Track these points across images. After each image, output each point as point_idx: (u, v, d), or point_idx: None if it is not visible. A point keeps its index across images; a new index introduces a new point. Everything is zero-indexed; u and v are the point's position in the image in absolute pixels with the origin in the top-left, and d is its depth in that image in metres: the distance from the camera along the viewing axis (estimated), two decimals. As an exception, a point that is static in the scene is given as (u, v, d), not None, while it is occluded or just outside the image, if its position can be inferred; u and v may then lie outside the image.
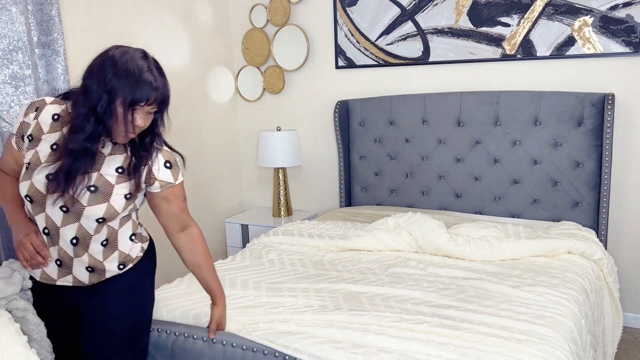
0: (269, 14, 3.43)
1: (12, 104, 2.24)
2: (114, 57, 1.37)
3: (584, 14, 2.68)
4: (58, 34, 2.35)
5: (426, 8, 3.02)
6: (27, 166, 1.45)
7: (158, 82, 1.38)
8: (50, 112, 1.46)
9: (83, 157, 1.39)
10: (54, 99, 1.49)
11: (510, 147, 2.86)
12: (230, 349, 1.65)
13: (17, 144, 1.48)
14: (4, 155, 1.54)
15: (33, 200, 1.45)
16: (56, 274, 1.54)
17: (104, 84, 1.35)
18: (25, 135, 1.46)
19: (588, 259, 2.33)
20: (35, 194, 1.44)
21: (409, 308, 1.83)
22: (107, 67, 1.36)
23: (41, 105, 1.47)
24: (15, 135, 1.48)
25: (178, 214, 1.61)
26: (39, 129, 1.45)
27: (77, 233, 1.48)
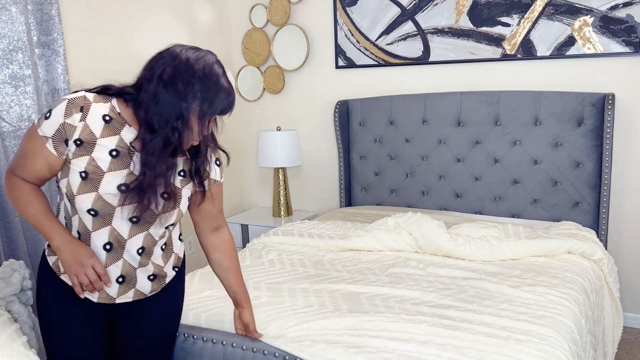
0: (269, 14, 3.43)
1: (12, 104, 2.24)
2: (189, 62, 1.24)
3: (584, 14, 2.68)
4: (58, 34, 2.35)
5: (426, 8, 3.02)
6: (83, 176, 1.27)
7: (231, 88, 1.29)
8: (99, 112, 1.28)
9: (168, 171, 1.29)
10: (94, 95, 1.31)
11: (511, 147, 2.86)
12: (230, 349, 1.65)
13: (56, 148, 1.26)
14: (29, 161, 1.30)
15: (98, 214, 1.30)
16: (116, 291, 1.40)
17: (181, 93, 1.22)
18: (71, 139, 1.25)
19: (588, 259, 2.33)
20: (102, 207, 1.30)
21: (408, 308, 1.83)
22: (183, 73, 1.23)
23: (86, 104, 1.27)
24: (52, 138, 1.25)
25: (216, 214, 1.54)
26: (89, 132, 1.26)
27: (144, 242, 1.39)
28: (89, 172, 1.27)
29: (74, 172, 1.28)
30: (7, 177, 1.36)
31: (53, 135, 1.25)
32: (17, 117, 2.25)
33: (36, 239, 2.32)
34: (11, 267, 1.86)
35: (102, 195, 1.28)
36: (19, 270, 1.87)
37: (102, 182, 1.28)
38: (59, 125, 1.25)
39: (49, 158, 1.28)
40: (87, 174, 1.27)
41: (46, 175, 1.31)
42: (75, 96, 1.27)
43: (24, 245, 2.27)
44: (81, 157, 1.27)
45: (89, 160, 1.27)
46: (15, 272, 1.85)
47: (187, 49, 1.27)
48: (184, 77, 1.23)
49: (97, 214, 1.30)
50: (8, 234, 2.23)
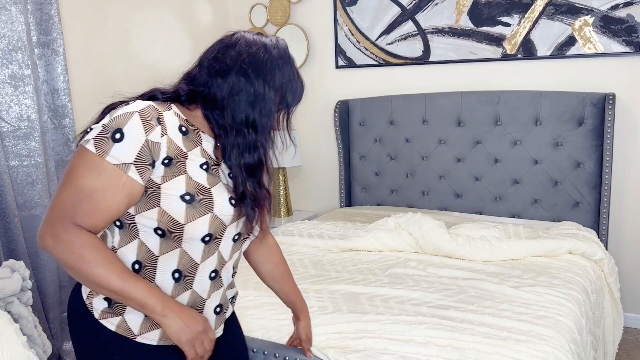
0: (269, 14, 3.43)
1: (11, 104, 2.24)
2: (268, 48, 1.08)
3: (584, 14, 2.68)
4: (57, 34, 2.35)
5: (426, 7, 3.01)
6: (187, 199, 1.02)
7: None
8: (174, 123, 1.04)
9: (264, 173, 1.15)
10: (156, 102, 1.06)
11: (511, 147, 2.86)
12: (230, 349, 1.64)
13: (142, 175, 0.99)
14: (105, 202, 0.97)
15: (212, 239, 1.09)
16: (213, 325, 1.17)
17: (268, 84, 1.07)
18: (158, 160, 1.00)
19: (589, 259, 2.33)
20: (217, 229, 1.08)
21: (408, 309, 1.83)
22: (266, 62, 1.07)
23: (159, 115, 1.02)
24: (134, 164, 0.97)
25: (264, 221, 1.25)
26: (175, 147, 1.02)
27: (235, 261, 1.21)
28: (193, 193, 1.03)
29: (170, 197, 1.01)
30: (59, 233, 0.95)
31: (136, 159, 0.97)
32: (16, 117, 2.25)
33: (35, 239, 2.31)
34: (11, 267, 1.86)
35: (218, 215, 1.06)
36: (19, 271, 1.87)
37: (215, 201, 1.06)
38: (142, 146, 0.97)
39: (133, 189, 0.99)
40: (192, 195, 1.03)
41: (116, 216, 1.01)
42: (142, 106, 1.00)
43: (24, 246, 2.26)
44: (176, 178, 1.02)
45: (187, 179, 1.03)
46: (15, 272, 1.85)
47: (254, 34, 1.11)
48: (267, 66, 1.07)
49: (210, 239, 1.08)
50: (7, 234, 2.23)
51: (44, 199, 2.32)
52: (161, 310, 1.01)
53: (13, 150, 2.25)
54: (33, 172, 2.29)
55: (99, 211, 0.98)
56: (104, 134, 0.97)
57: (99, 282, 0.97)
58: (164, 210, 1.02)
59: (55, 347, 2.45)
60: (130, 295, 0.99)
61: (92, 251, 0.96)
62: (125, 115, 0.98)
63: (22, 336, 1.56)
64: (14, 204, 2.22)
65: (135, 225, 1.04)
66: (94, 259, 0.96)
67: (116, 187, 0.97)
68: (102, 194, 0.97)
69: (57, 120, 2.42)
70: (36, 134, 2.29)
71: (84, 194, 0.96)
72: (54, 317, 2.42)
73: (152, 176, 1.01)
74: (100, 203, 0.97)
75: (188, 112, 1.09)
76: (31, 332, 1.80)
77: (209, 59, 1.11)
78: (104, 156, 0.95)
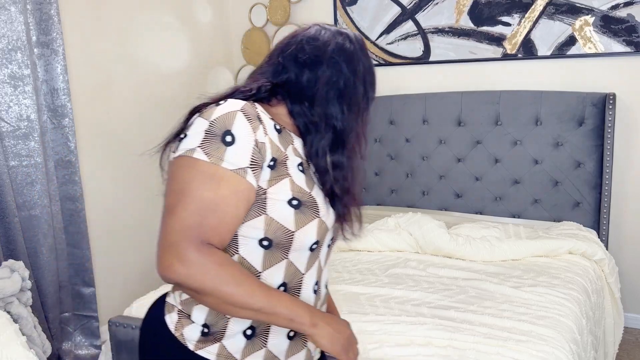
0: (269, 13, 3.42)
1: (10, 104, 2.24)
2: (352, 39, 1.03)
3: (585, 14, 2.67)
4: (57, 34, 2.35)
5: (426, 7, 3.01)
6: (295, 204, 0.94)
7: None
8: (269, 121, 0.95)
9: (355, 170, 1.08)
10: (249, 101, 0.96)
11: (511, 147, 2.85)
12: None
13: (257, 179, 0.90)
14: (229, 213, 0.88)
15: (319, 246, 1.00)
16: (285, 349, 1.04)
17: (358, 75, 1.02)
18: (266, 162, 0.91)
19: (589, 259, 2.33)
20: (323, 235, 1.00)
21: (409, 309, 1.82)
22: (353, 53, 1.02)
23: (258, 114, 0.93)
24: (250, 167, 0.88)
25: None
26: (276, 148, 0.94)
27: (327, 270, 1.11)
28: (298, 197, 0.94)
29: (278, 203, 0.92)
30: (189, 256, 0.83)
31: (251, 162, 0.88)
32: (16, 116, 2.25)
33: (35, 239, 2.31)
34: (10, 268, 1.86)
35: (324, 220, 0.98)
36: (19, 271, 1.87)
37: (319, 204, 0.97)
38: (253, 147, 0.89)
39: (251, 196, 0.89)
40: (299, 200, 0.94)
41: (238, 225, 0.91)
42: (241, 104, 0.91)
43: (23, 246, 2.26)
44: (281, 182, 0.93)
45: (290, 182, 0.94)
46: (14, 272, 1.85)
47: (330, 26, 1.05)
48: (354, 57, 1.02)
49: (318, 246, 1.00)
50: (7, 234, 2.23)
51: (44, 199, 2.32)
52: (310, 321, 0.92)
53: (12, 150, 2.24)
54: (32, 172, 2.29)
55: (225, 224, 0.87)
56: (211, 138, 0.86)
57: (242, 303, 0.86)
58: (272, 217, 0.92)
59: (55, 347, 2.45)
60: (276, 310, 0.88)
61: (229, 269, 0.85)
62: (229, 115, 0.88)
63: (22, 336, 1.56)
64: (14, 204, 2.21)
65: (236, 238, 0.92)
66: (233, 278, 0.85)
67: (237, 194, 0.87)
68: (226, 205, 0.86)
69: (57, 120, 2.41)
70: (36, 134, 2.28)
71: (207, 207, 0.85)
72: (53, 318, 2.42)
73: (259, 180, 0.91)
74: (226, 215, 0.86)
75: (270, 110, 1.00)
76: (31, 332, 1.80)
77: (290, 52, 1.00)
78: (219, 163, 0.86)
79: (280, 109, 1.01)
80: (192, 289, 0.85)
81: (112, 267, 2.80)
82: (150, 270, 3.02)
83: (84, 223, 2.51)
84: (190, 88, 3.26)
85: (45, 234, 2.33)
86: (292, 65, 0.99)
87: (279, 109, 1.00)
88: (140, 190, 2.93)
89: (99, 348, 2.59)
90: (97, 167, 2.70)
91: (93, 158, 2.67)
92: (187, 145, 0.88)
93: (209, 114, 0.90)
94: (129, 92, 2.85)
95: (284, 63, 1.00)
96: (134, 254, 2.92)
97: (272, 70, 1.01)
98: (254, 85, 1.00)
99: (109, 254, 2.78)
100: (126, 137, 2.83)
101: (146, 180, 2.97)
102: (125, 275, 2.88)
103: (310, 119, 0.99)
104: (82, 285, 2.55)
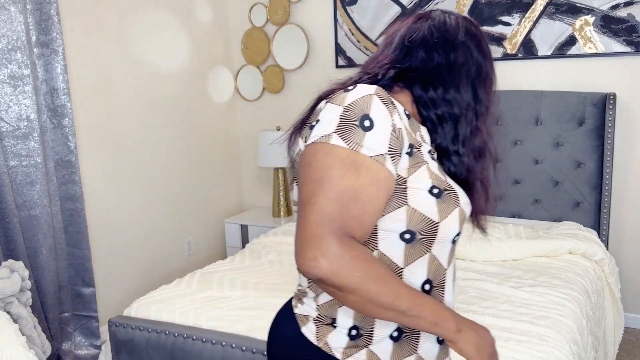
0: (269, 13, 3.42)
1: (10, 104, 2.23)
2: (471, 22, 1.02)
3: (585, 13, 2.67)
4: (57, 33, 2.34)
5: (427, 7, 3.01)
6: (436, 192, 0.87)
7: None
8: (400, 106, 0.89)
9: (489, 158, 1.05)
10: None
11: (511, 147, 2.85)
12: (230, 350, 1.64)
13: (396, 166, 0.84)
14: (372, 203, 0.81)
15: (459, 236, 0.95)
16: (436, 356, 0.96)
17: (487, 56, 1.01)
18: (404, 149, 0.85)
19: (589, 259, 2.32)
20: (462, 225, 0.96)
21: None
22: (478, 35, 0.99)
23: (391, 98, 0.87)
24: (389, 154, 0.82)
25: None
26: (410, 135, 0.88)
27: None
28: (438, 185, 0.88)
29: (419, 192, 0.86)
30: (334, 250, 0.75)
31: (389, 149, 0.82)
32: (15, 116, 2.24)
33: (34, 239, 2.31)
34: (10, 268, 1.86)
35: (464, 209, 0.93)
36: (18, 271, 1.87)
37: (458, 193, 0.92)
38: (391, 132, 0.82)
39: (390, 185, 0.83)
40: (439, 188, 0.88)
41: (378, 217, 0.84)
42: (374, 88, 0.85)
43: (23, 246, 2.26)
44: (420, 169, 0.87)
45: (428, 170, 0.88)
46: (14, 272, 1.85)
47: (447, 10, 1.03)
48: (482, 40, 0.99)
49: (458, 237, 0.95)
50: (7, 234, 2.22)
51: (43, 199, 2.31)
52: (456, 325, 0.85)
53: (12, 150, 2.24)
54: (32, 172, 2.29)
55: (367, 214, 0.80)
56: (348, 123, 0.81)
57: (388, 303, 0.78)
58: (414, 208, 0.85)
59: (55, 348, 2.45)
60: (421, 313, 0.81)
61: (374, 266, 0.77)
62: (365, 99, 0.83)
63: (22, 336, 1.55)
64: (13, 204, 2.21)
65: (375, 232, 0.86)
66: (379, 275, 0.77)
67: (378, 183, 0.80)
68: (368, 194, 0.79)
69: (57, 120, 2.41)
70: (35, 134, 2.28)
71: (348, 196, 0.78)
72: (53, 318, 2.41)
73: (398, 168, 0.84)
74: (367, 204, 0.80)
75: (394, 96, 0.92)
76: (30, 332, 1.80)
77: (418, 37, 0.95)
78: (358, 149, 0.79)
79: (403, 95, 0.95)
80: (335, 286, 0.76)
81: (112, 267, 2.80)
82: (150, 271, 3.02)
83: (83, 223, 2.50)
84: (190, 88, 3.26)
85: (45, 234, 2.33)
86: (421, 50, 0.94)
87: (401, 96, 0.95)
88: (140, 190, 2.93)
89: (98, 348, 2.59)
90: (97, 167, 2.70)
91: (93, 158, 2.67)
92: (321, 132, 0.82)
93: (340, 99, 0.84)
94: (128, 92, 2.84)
95: (412, 48, 0.95)
96: (134, 254, 2.92)
97: (396, 56, 0.96)
98: (380, 70, 0.94)
99: (109, 254, 2.78)
100: (126, 136, 2.83)
101: (146, 180, 2.97)
102: (125, 275, 2.87)
103: (441, 105, 0.94)
104: (82, 285, 2.55)
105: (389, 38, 1.00)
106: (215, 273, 2.20)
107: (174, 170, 3.17)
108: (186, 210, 3.28)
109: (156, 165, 3.03)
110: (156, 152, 3.01)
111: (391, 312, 0.79)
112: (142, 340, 1.80)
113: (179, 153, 3.20)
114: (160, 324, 1.81)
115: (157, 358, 1.77)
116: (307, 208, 0.78)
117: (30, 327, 1.78)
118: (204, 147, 3.44)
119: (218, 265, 2.31)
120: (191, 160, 3.32)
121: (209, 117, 3.46)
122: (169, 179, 3.14)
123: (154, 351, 1.77)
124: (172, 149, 3.14)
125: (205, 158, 3.45)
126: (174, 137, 3.16)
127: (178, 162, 3.20)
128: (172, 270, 3.14)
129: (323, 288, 0.80)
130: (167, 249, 3.13)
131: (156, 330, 1.78)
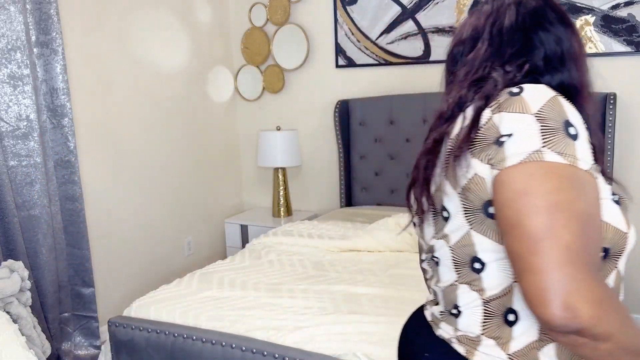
0: (269, 13, 3.42)
1: (10, 104, 2.23)
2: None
3: (585, 13, 2.67)
4: (57, 33, 2.34)
5: (427, 7, 3.01)
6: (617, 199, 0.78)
7: None
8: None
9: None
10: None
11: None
12: (230, 350, 1.64)
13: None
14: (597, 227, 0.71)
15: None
16: None
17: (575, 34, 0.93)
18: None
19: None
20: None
21: (409, 310, 1.82)
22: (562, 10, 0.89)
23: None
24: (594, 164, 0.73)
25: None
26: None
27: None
28: (614, 191, 0.79)
29: (606, 202, 0.75)
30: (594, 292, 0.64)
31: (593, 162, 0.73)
32: (15, 116, 2.24)
33: (34, 239, 2.31)
34: (10, 268, 1.86)
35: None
36: (18, 271, 1.86)
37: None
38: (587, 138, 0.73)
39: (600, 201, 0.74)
40: (616, 194, 0.78)
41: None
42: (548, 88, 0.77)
43: (23, 246, 2.26)
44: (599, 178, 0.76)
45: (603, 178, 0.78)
46: (14, 272, 1.85)
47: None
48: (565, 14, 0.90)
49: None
50: (6, 234, 2.22)
51: (43, 199, 2.31)
52: None
53: (12, 150, 2.24)
54: (32, 172, 2.28)
55: (600, 239, 0.70)
56: (554, 133, 0.70)
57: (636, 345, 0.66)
58: (607, 222, 0.73)
59: (54, 348, 2.44)
60: None
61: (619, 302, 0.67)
62: (555, 101, 0.72)
63: (21, 337, 1.55)
64: (13, 204, 2.21)
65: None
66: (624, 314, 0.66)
67: (597, 201, 0.71)
68: (597, 216, 0.70)
69: (56, 120, 2.41)
70: (35, 134, 2.28)
71: (587, 222, 0.67)
72: (53, 318, 2.41)
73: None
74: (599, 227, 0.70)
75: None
76: (30, 332, 1.79)
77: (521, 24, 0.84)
78: (575, 163, 0.69)
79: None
80: (593, 335, 0.63)
81: (112, 267, 2.80)
82: (150, 271, 3.02)
83: (83, 223, 2.50)
84: (190, 88, 3.26)
85: (45, 234, 2.32)
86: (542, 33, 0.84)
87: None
88: (140, 190, 2.93)
89: (98, 348, 2.58)
90: (97, 167, 2.70)
91: (93, 158, 2.67)
92: (525, 148, 0.70)
93: (519, 105, 0.73)
94: (128, 92, 2.84)
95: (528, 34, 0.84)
96: (133, 254, 2.92)
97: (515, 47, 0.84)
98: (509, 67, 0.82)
99: (108, 254, 2.77)
100: (126, 136, 2.82)
101: (146, 180, 2.97)
102: (125, 275, 2.87)
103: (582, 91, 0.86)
104: (81, 286, 2.55)
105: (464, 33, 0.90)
106: (215, 273, 2.19)
107: (173, 170, 3.17)
108: (186, 210, 3.28)
109: (156, 165, 3.02)
110: (156, 152, 3.01)
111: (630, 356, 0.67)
112: (142, 340, 1.80)
113: (178, 153, 3.20)
114: (160, 324, 1.81)
115: (157, 358, 1.77)
116: (547, 244, 0.65)
117: (30, 327, 1.78)
118: (204, 147, 3.44)
119: (218, 265, 2.31)
120: (191, 160, 3.31)
121: (209, 117, 3.46)
122: (169, 179, 3.13)
123: (153, 351, 1.77)
124: (172, 149, 3.14)
125: (205, 158, 3.45)
126: (174, 137, 3.16)
127: (178, 162, 3.20)
128: (172, 270, 3.14)
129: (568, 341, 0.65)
130: (167, 249, 3.13)
131: (156, 330, 1.77)
